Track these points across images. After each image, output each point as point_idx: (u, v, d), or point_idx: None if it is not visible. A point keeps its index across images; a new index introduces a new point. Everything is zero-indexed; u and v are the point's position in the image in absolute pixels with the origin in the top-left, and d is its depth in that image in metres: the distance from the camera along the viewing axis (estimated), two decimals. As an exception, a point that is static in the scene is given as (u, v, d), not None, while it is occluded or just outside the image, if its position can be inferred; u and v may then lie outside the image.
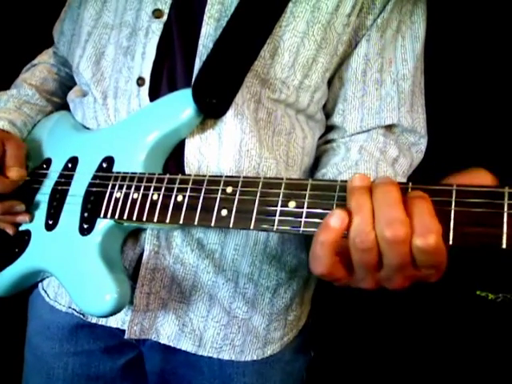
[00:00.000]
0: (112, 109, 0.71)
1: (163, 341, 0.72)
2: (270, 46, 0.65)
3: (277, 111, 0.69)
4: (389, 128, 0.73)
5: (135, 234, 0.70)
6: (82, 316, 0.74)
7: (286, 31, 0.65)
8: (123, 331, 0.71)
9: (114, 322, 0.72)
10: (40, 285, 0.80)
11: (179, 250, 0.69)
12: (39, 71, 0.89)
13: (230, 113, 0.65)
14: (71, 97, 0.81)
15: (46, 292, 0.78)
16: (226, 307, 0.71)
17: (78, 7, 0.79)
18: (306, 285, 0.80)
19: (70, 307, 0.75)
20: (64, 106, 0.86)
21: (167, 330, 0.72)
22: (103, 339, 0.76)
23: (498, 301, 1.01)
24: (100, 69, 0.73)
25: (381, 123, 0.71)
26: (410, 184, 0.44)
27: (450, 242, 0.41)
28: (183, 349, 0.72)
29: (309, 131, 0.74)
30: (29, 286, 0.79)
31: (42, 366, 0.78)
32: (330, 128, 0.78)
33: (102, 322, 0.73)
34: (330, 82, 0.74)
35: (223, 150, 0.65)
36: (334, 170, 0.71)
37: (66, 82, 0.91)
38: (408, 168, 0.73)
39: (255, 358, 0.73)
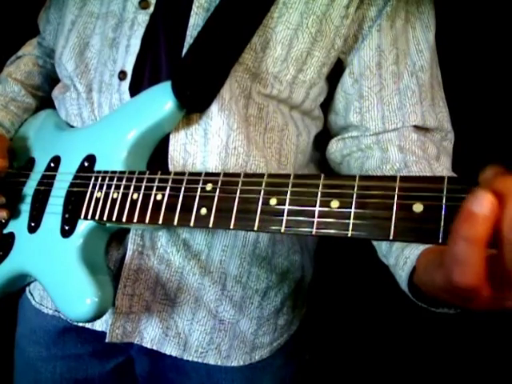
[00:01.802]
0: (96, 103, 0.68)
1: (146, 345, 0.70)
2: (262, 38, 0.62)
3: (268, 107, 0.66)
4: (415, 127, 0.67)
5: (120, 234, 0.67)
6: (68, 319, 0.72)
7: (279, 23, 0.62)
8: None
9: (99, 326, 0.70)
10: (27, 288, 0.78)
11: (164, 251, 0.67)
12: (24, 64, 0.87)
13: (216, 108, 0.62)
14: (55, 94, 0.79)
15: (31, 295, 0.76)
16: (212, 310, 0.69)
17: None
18: (298, 288, 0.77)
19: (56, 310, 0.73)
20: (50, 99, 0.83)
21: (151, 334, 0.69)
22: (91, 343, 0.74)
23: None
24: (84, 60, 0.70)
25: (405, 120, 0.65)
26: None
27: None
28: (167, 353, 0.70)
29: (303, 128, 0.70)
30: (16, 290, 0.77)
31: (29, 369, 0.77)
32: (345, 127, 0.71)
33: (88, 325, 0.71)
34: (339, 80, 0.69)
35: (209, 146, 0.63)
36: (378, 175, 0.63)
37: (52, 75, 0.88)
38: (450, 166, 0.67)
39: (242, 364, 0.71)
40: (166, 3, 0.65)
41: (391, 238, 0.40)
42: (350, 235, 0.42)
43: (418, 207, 0.40)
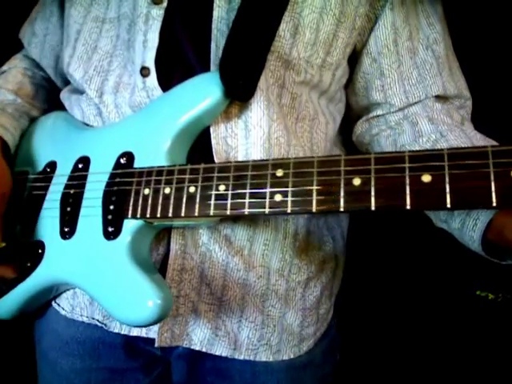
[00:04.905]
0: (112, 105, 0.66)
1: (196, 347, 0.67)
2: (290, 24, 0.62)
3: (301, 96, 0.66)
4: (437, 97, 0.70)
5: (158, 234, 0.64)
6: (104, 326, 0.68)
7: (304, 7, 0.63)
8: (150, 341, 0.66)
9: (137, 332, 0.67)
10: (53, 301, 0.73)
11: (206, 249, 0.65)
12: (12, 76, 0.81)
13: (256, 99, 0.61)
14: (65, 95, 0.75)
15: (59, 305, 0.72)
16: (259, 306, 0.67)
17: (51, 4, 0.74)
18: (333, 276, 0.77)
19: (93, 318, 0.69)
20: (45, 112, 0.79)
21: (199, 336, 0.67)
22: (126, 360, 0.71)
23: (499, 301, 1.00)
24: (92, 65, 0.68)
25: (427, 92, 0.68)
26: None
27: None
28: (217, 354, 0.67)
29: (329, 116, 0.71)
30: (37, 306, 0.72)
31: (61, 381, 0.72)
32: (367, 107, 0.73)
33: (125, 331, 0.68)
34: (356, 61, 0.71)
35: (251, 138, 0.62)
36: (417, 149, 0.64)
37: (45, 85, 0.83)
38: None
39: (292, 357, 0.70)
40: None
41: (494, 205, 0.40)
42: (449, 206, 0.41)
43: None
